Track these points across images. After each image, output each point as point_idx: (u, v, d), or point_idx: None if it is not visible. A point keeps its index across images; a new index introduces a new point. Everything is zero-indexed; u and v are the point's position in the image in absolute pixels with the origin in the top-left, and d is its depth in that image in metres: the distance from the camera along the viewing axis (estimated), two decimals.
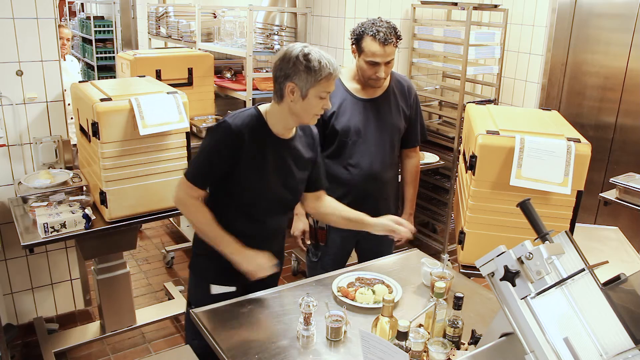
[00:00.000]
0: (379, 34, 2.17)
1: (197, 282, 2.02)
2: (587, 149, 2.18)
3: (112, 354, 2.91)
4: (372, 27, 2.20)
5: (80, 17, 8.32)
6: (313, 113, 1.77)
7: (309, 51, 1.69)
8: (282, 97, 1.75)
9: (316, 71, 1.68)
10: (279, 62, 1.73)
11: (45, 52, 2.73)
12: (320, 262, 2.49)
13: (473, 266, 2.21)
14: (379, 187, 2.42)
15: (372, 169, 2.36)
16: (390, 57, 2.23)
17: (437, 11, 4.13)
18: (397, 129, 2.43)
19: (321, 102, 1.74)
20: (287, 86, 1.72)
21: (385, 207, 2.46)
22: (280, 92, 1.75)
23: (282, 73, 1.72)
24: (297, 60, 1.68)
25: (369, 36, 2.19)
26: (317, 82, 1.70)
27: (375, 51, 2.19)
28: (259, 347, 1.62)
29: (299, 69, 1.68)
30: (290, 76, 1.70)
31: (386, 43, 2.18)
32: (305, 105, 1.73)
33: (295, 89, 1.71)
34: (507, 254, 1.27)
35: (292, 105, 1.74)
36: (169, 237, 4.34)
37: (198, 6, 4.00)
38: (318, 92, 1.72)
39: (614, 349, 1.21)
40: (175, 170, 2.56)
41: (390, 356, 1.33)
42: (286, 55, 1.72)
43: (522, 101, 4.10)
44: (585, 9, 3.77)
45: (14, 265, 2.93)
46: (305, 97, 1.72)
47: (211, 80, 3.78)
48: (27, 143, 2.78)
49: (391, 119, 2.38)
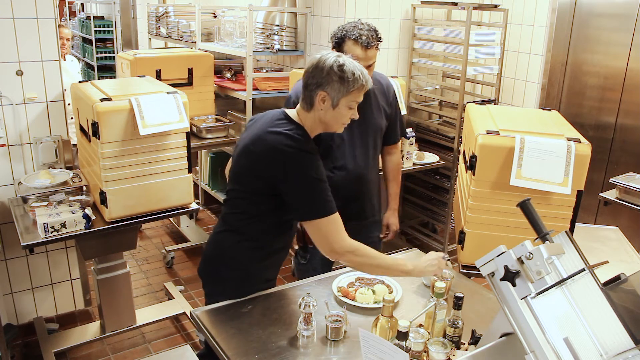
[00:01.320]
0: (361, 37, 2.15)
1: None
2: (587, 149, 2.18)
3: (112, 354, 2.91)
4: (354, 30, 2.17)
5: (80, 17, 8.33)
6: (342, 122, 1.79)
7: (344, 62, 1.71)
8: (312, 105, 1.76)
9: (349, 82, 1.70)
10: (312, 69, 1.73)
11: (45, 52, 2.73)
12: (310, 264, 2.49)
13: (473, 266, 2.21)
14: (364, 187, 2.43)
15: (357, 170, 2.37)
16: (372, 60, 2.22)
17: (437, 11, 4.13)
18: (380, 129, 2.43)
19: (350, 112, 1.77)
20: (319, 95, 1.72)
21: (370, 205, 2.48)
22: (310, 99, 1.75)
23: (314, 81, 1.73)
24: (331, 70, 1.69)
25: (351, 40, 2.17)
26: (349, 92, 1.71)
27: (357, 55, 2.16)
28: (259, 347, 1.62)
29: (333, 79, 1.69)
30: (322, 85, 1.71)
31: (369, 47, 2.17)
32: (336, 114, 1.75)
33: (327, 97, 1.72)
34: (507, 254, 1.27)
35: (321, 113, 1.76)
36: (169, 237, 4.34)
37: (198, 6, 4.00)
38: (348, 102, 1.74)
39: (614, 349, 1.21)
40: (175, 170, 2.56)
41: (390, 356, 1.33)
42: (320, 64, 1.72)
43: (522, 101, 4.10)
44: (585, 9, 3.77)
45: (14, 265, 2.93)
46: (336, 107, 1.73)
47: (211, 80, 3.78)
48: (27, 143, 2.78)
49: (373, 119, 2.38)
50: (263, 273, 1.94)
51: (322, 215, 1.70)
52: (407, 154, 3.45)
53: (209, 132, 3.52)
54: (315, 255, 2.48)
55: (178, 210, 2.66)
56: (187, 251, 4.07)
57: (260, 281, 1.95)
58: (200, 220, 4.57)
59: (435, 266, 1.82)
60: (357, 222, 2.45)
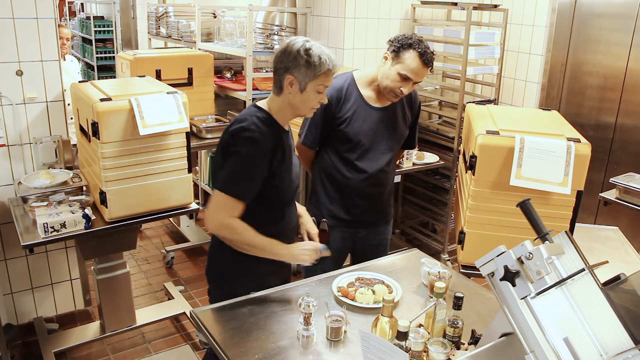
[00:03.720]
0: (426, 54, 2.15)
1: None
2: (587, 149, 2.18)
3: (112, 354, 2.91)
4: (420, 45, 2.16)
5: (80, 17, 8.33)
6: (310, 106, 1.82)
7: (311, 46, 1.74)
8: (281, 89, 1.79)
9: (316, 66, 1.72)
10: (280, 54, 1.77)
11: (45, 52, 2.73)
12: (320, 266, 2.49)
13: (473, 266, 2.21)
14: (381, 191, 2.44)
15: (377, 174, 2.38)
16: (421, 79, 2.24)
17: (437, 11, 4.13)
18: (403, 137, 2.46)
19: (319, 96, 1.80)
20: (287, 78, 1.76)
21: (382, 209, 2.50)
22: (279, 83, 1.79)
23: (282, 65, 1.76)
24: (298, 54, 1.73)
25: (416, 51, 2.15)
26: (316, 76, 1.74)
27: (414, 68, 2.15)
28: (259, 347, 1.62)
29: (299, 62, 1.73)
30: (290, 69, 1.75)
31: (428, 65, 2.18)
32: (304, 98, 1.78)
33: (295, 81, 1.76)
34: (507, 254, 1.27)
35: (290, 97, 1.79)
36: (169, 237, 4.34)
37: (198, 6, 4.00)
38: (316, 86, 1.76)
39: (614, 349, 1.21)
40: (175, 170, 2.56)
41: (390, 356, 1.33)
42: (287, 48, 1.75)
43: (522, 101, 4.10)
44: (585, 9, 3.77)
45: (14, 265, 2.93)
46: (304, 90, 1.76)
47: (211, 80, 3.78)
48: (27, 143, 2.78)
49: (399, 128, 2.40)
50: (263, 266, 1.91)
51: (225, 190, 1.75)
52: (407, 154, 3.45)
53: (209, 132, 3.52)
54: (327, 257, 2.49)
55: (178, 210, 2.66)
56: (187, 251, 4.07)
57: (264, 274, 1.94)
58: (200, 220, 4.56)
59: (308, 256, 1.84)
60: (372, 224, 2.47)
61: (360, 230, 2.45)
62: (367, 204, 2.41)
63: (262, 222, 1.85)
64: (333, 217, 2.36)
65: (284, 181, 1.88)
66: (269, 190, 1.83)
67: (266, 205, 1.87)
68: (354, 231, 2.44)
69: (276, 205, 1.91)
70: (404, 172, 3.62)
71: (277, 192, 1.87)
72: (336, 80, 2.35)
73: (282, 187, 1.88)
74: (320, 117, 2.30)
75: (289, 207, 1.98)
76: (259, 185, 1.79)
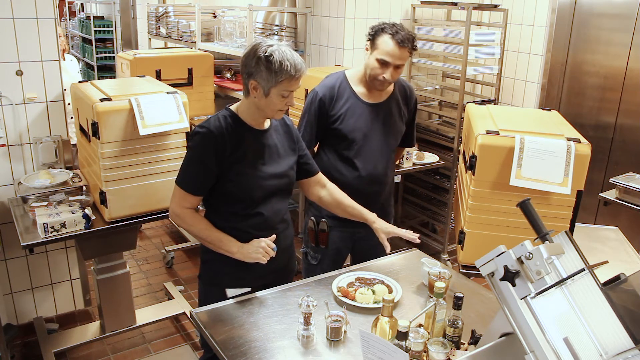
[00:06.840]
0: (397, 34, 2.16)
1: (210, 291, 2.02)
2: (587, 149, 2.18)
3: (112, 354, 2.91)
4: (393, 27, 2.18)
5: (80, 17, 8.32)
6: (276, 109, 1.82)
7: (272, 52, 1.71)
8: (248, 92, 1.81)
9: (277, 73, 1.71)
10: (244, 58, 1.78)
11: (45, 52, 2.73)
12: (320, 265, 2.49)
13: (473, 266, 2.21)
14: (380, 189, 2.44)
15: (375, 172, 2.37)
16: (401, 61, 2.21)
17: (437, 11, 4.13)
18: (399, 133, 2.46)
19: (284, 100, 1.79)
20: (251, 83, 1.77)
21: (382, 208, 2.48)
22: (245, 87, 1.81)
23: (246, 70, 1.77)
24: (259, 60, 1.72)
25: (387, 34, 2.17)
26: (279, 82, 1.74)
27: (389, 50, 2.16)
28: (259, 347, 1.62)
29: (261, 68, 1.72)
30: (253, 74, 1.75)
31: (402, 45, 2.17)
32: (268, 102, 1.78)
33: (258, 86, 1.76)
34: (507, 254, 1.27)
35: (255, 101, 1.81)
36: (169, 237, 4.34)
37: (198, 6, 4.00)
38: (280, 92, 1.76)
39: (614, 349, 1.21)
40: (175, 170, 2.54)
41: (390, 356, 1.33)
42: (250, 53, 1.76)
43: (522, 101, 4.10)
44: (585, 9, 3.77)
45: (14, 265, 2.93)
46: (268, 95, 1.76)
47: (211, 80, 3.79)
48: (27, 143, 2.78)
49: (395, 123, 2.40)
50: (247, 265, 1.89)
51: (176, 182, 1.87)
52: (407, 154, 3.45)
53: None
54: (326, 257, 2.49)
55: None
56: (186, 251, 4.07)
57: (251, 272, 1.93)
58: None
59: (260, 254, 1.81)
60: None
61: (359, 230, 2.44)
62: (366, 204, 2.39)
63: (228, 217, 1.89)
64: (333, 217, 2.36)
65: (246, 178, 1.84)
66: (225, 185, 1.84)
67: (229, 201, 1.88)
68: (353, 231, 2.43)
69: (242, 202, 1.88)
70: (404, 172, 3.62)
71: (238, 188, 1.85)
72: (328, 79, 2.36)
73: (244, 184, 1.85)
74: (315, 116, 2.30)
75: (266, 205, 1.92)
76: (210, 180, 1.83)
